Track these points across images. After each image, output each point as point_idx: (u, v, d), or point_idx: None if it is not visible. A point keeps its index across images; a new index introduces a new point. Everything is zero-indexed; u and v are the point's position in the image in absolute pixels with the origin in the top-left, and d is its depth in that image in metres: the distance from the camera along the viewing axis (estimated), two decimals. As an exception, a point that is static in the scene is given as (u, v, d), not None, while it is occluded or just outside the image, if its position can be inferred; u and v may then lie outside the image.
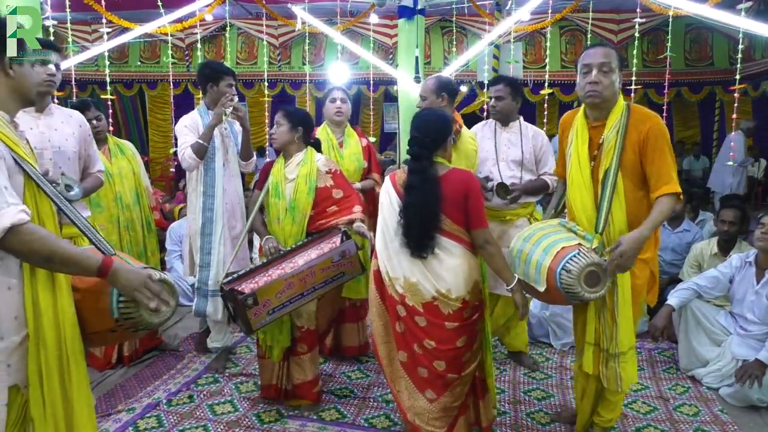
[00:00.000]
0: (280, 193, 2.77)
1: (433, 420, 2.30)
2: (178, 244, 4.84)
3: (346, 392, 3.12)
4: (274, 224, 2.80)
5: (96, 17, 8.60)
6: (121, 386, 3.18)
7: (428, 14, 8.01)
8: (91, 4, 6.78)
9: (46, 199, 1.49)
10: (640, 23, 6.59)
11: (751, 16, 5.90)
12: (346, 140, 3.42)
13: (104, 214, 3.29)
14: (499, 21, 6.39)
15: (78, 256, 1.42)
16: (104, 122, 3.42)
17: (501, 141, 3.26)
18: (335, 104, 3.37)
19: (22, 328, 1.41)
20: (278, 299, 2.52)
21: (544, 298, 2.30)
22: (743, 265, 3.24)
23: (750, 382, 2.82)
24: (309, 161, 2.80)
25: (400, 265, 2.28)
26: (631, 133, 2.20)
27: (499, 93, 3.22)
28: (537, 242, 2.24)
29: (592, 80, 2.21)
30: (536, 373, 3.40)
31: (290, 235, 2.74)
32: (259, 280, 2.50)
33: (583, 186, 2.29)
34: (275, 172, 2.83)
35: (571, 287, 2.08)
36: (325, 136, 3.34)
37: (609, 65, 2.21)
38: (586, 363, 2.37)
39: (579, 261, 2.08)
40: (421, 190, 2.19)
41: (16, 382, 1.41)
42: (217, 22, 9.54)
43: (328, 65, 9.36)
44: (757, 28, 4.63)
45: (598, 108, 2.28)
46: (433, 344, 2.25)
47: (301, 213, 2.74)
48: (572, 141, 2.37)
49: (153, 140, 10.99)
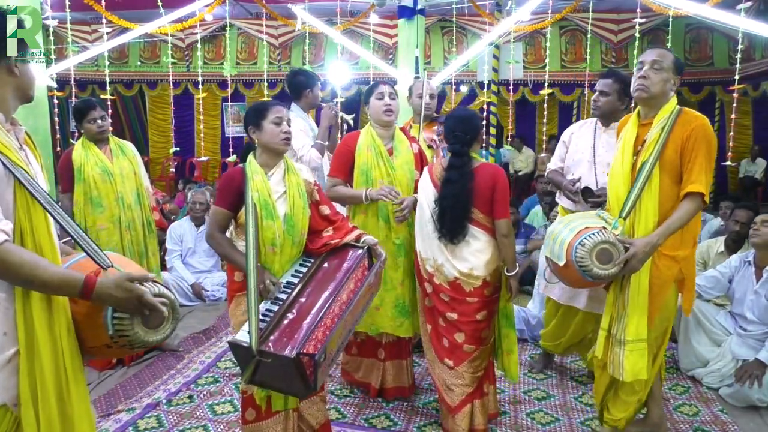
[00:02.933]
0: (271, 212, 2.16)
1: (452, 386, 2.55)
2: (178, 244, 4.85)
3: (346, 392, 3.12)
4: (268, 251, 2.17)
5: (96, 17, 8.60)
6: (121, 386, 3.18)
7: (428, 14, 8.03)
8: (91, 4, 6.79)
9: (39, 208, 1.38)
10: (640, 23, 6.59)
11: (751, 16, 5.91)
12: (397, 146, 2.83)
13: (105, 214, 3.30)
14: (499, 21, 6.39)
15: (60, 282, 1.31)
16: (108, 122, 3.42)
17: (599, 143, 2.97)
18: (383, 101, 2.78)
19: (12, 344, 1.32)
20: (337, 344, 2.06)
21: (564, 274, 2.35)
22: (742, 264, 3.24)
23: (750, 382, 2.82)
24: (294, 170, 2.30)
25: (431, 248, 2.56)
26: (676, 132, 2.25)
27: (605, 88, 2.92)
28: (568, 224, 2.36)
29: (642, 74, 2.30)
30: (536, 373, 3.40)
31: (289, 259, 2.23)
32: (308, 329, 1.97)
33: (621, 176, 2.34)
34: (258, 187, 2.16)
35: (583, 260, 2.19)
36: (369, 142, 2.78)
37: (660, 63, 2.29)
38: (598, 348, 2.44)
39: (594, 237, 2.19)
40: (458, 185, 2.45)
41: (4, 401, 1.32)
42: (217, 22, 9.54)
43: (328, 65, 9.36)
44: (757, 28, 4.64)
45: (647, 104, 2.34)
46: (455, 317, 2.53)
47: (300, 231, 2.24)
48: (621, 136, 2.44)
49: (153, 140, 10.99)
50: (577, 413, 2.92)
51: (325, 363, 1.96)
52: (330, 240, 2.26)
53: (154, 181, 7.48)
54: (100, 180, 3.28)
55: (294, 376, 1.91)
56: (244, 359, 1.98)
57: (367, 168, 2.76)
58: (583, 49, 8.80)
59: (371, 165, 2.76)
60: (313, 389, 1.96)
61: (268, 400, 2.20)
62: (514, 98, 9.30)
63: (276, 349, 1.92)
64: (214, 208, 2.29)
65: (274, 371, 1.95)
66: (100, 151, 3.34)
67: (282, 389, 2.12)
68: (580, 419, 2.86)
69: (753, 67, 8.13)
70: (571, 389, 3.20)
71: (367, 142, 2.79)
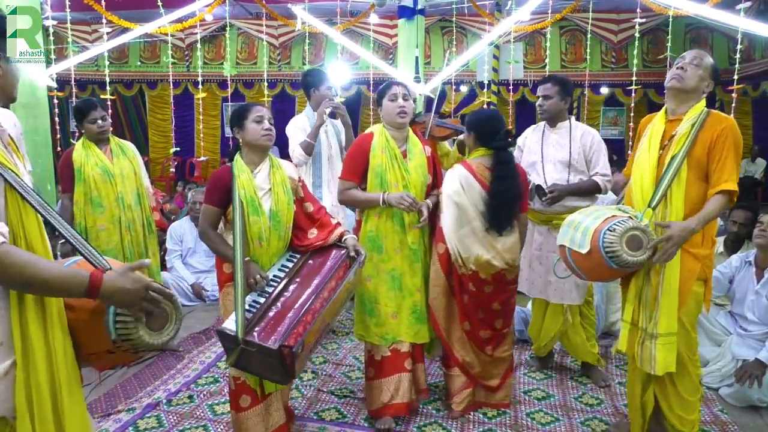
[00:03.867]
0: (257, 208, 2.30)
1: (492, 371, 2.89)
2: (178, 244, 4.85)
3: (346, 392, 3.12)
4: (255, 245, 2.31)
5: (96, 17, 8.60)
6: (121, 386, 3.18)
7: (428, 14, 8.03)
8: (91, 4, 6.79)
9: (31, 211, 1.33)
10: (640, 23, 6.60)
11: (751, 16, 5.91)
12: (411, 149, 2.73)
13: (106, 215, 3.30)
14: (499, 21, 6.39)
15: (62, 281, 1.27)
16: (108, 122, 3.42)
17: (548, 142, 3.18)
18: (397, 103, 2.65)
19: (9, 354, 1.27)
20: (315, 338, 2.25)
21: (584, 262, 2.30)
22: (743, 265, 3.24)
23: (750, 382, 2.82)
24: (279, 167, 2.42)
25: (475, 245, 2.67)
26: (706, 131, 2.26)
27: (547, 92, 3.13)
28: (590, 214, 2.35)
29: (680, 66, 2.33)
30: (536, 373, 3.40)
31: (275, 252, 2.37)
32: (291, 322, 2.14)
33: (647, 166, 2.35)
34: (244, 185, 2.30)
35: (612, 246, 2.15)
36: (383, 144, 2.67)
37: (700, 61, 2.33)
38: (621, 340, 2.40)
39: (625, 223, 2.17)
40: (514, 180, 2.65)
41: (4, 413, 1.28)
42: (217, 22, 9.54)
43: (328, 65, 9.36)
44: (757, 28, 4.64)
45: (677, 97, 2.34)
46: (498, 306, 2.77)
47: (285, 226, 2.37)
48: (647, 131, 2.45)
49: (153, 140, 10.99)
50: (577, 413, 2.92)
51: (303, 354, 2.15)
52: (315, 241, 2.41)
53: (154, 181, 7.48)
54: (100, 180, 3.28)
55: (276, 366, 2.08)
56: (229, 346, 2.15)
57: (382, 171, 2.65)
58: (583, 49, 8.80)
59: (386, 168, 2.65)
60: (292, 377, 2.18)
61: (261, 384, 2.35)
62: (514, 98, 9.30)
63: (260, 340, 2.08)
64: (205, 206, 2.40)
65: (257, 359, 2.12)
66: (101, 152, 3.35)
67: (263, 376, 2.28)
68: (580, 419, 2.86)
69: (753, 67, 8.13)
70: (571, 389, 3.20)
71: (381, 144, 2.67)
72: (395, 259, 2.69)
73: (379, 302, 2.71)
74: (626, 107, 9.20)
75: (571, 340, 3.28)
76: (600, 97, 9.33)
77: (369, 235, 2.71)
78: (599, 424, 2.81)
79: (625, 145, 9.41)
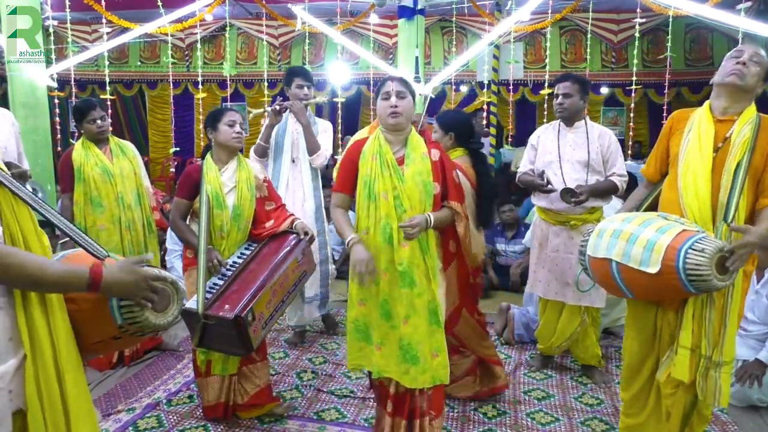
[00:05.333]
0: (221, 203, 2.61)
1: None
2: (178, 244, 4.84)
3: (346, 392, 3.12)
4: (217, 236, 2.62)
5: (96, 17, 8.60)
6: (121, 386, 3.18)
7: (428, 14, 8.02)
8: (91, 4, 6.79)
9: (24, 207, 1.33)
10: (640, 23, 6.60)
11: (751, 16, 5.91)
12: (410, 154, 2.34)
13: (105, 215, 3.30)
14: (499, 21, 6.39)
15: (63, 278, 1.29)
16: (108, 122, 3.42)
17: (565, 142, 3.16)
18: (389, 101, 2.31)
19: (19, 349, 1.30)
20: (268, 310, 2.43)
21: (643, 284, 2.02)
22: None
23: (750, 382, 2.82)
24: (245, 166, 2.73)
25: (479, 242, 2.79)
26: (763, 135, 2.09)
27: (567, 90, 3.10)
28: (644, 224, 2.04)
29: (741, 61, 2.10)
30: (536, 373, 3.40)
31: (235, 243, 2.66)
32: (244, 296, 2.36)
33: (701, 175, 2.10)
34: (211, 181, 2.62)
35: (699, 269, 1.85)
36: (374, 149, 2.34)
37: (761, 58, 2.12)
38: (680, 368, 2.08)
39: (712, 242, 1.88)
40: (492, 177, 2.82)
41: (20, 406, 1.31)
42: (217, 22, 9.53)
43: (328, 65, 9.35)
44: (757, 28, 4.64)
45: (733, 95, 2.14)
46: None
47: (246, 220, 2.67)
48: (690, 131, 2.21)
49: (153, 140, 10.98)
50: (577, 413, 2.92)
51: (257, 325, 2.36)
52: (269, 230, 2.70)
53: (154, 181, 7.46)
54: (100, 180, 3.28)
55: (234, 336, 2.30)
56: (193, 324, 2.39)
57: (370, 179, 2.30)
58: (583, 49, 8.79)
59: (375, 176, 2.30)
60: (251, 348, 2.37)
61: (208, 364, 2.68)
62: (514, 98, 9.30)
63: (218, 313, 2.31)
64: (176, 199, 2.73)
65: (218, 333, 2.34)
66: (100, 151, 3.35)
67: (225, 351, 2.53)
68: (580, 419, 2.86)
69: (753, 67, 8.11)
70: (571, 389, 3.20)
71: (372, 149, 2.34)
72: (381, 282, 2.29)
73: (369, 329, 2.37)
74: (626, 107, 9.19)
75: (582, 342, 3.26)
76: (600, 97, 9.32)
77: None
78: (599, 424, 2.81)
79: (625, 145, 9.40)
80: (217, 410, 2.73)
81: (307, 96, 3.61)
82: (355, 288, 2.34)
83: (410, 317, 2.28)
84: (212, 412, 2.74)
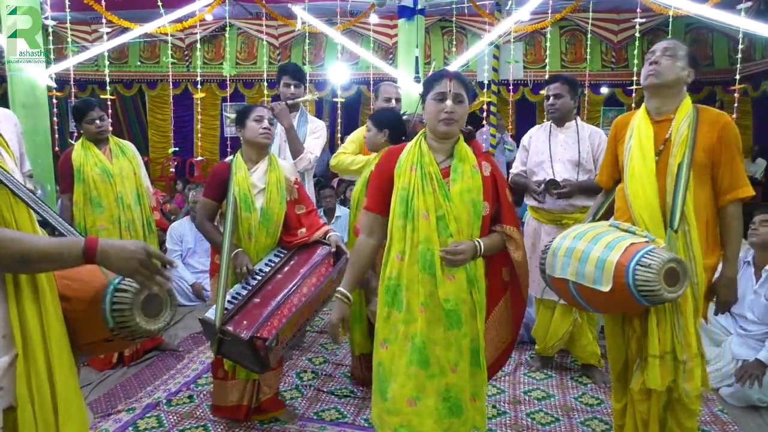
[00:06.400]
0: (250, 205, 2.48)
1: None
2: (178, 244, 4.85)
3: (346, 392, 3.12)
4: (245, 239, 2.50)
5: (96, 17, 8.59)
6: (121, 386, 3.18)
7: (428, 14, 8.02)
8: (91, 4, 6.79)
9: (23, 206, 1.33)
10: (640, 23, 6.60)
11: (751, 16, 5.91)
12: (457, 166, 1.92)
13: (105, 215, 3.30)
14: (499, 21, 6.38)
15: (57, 247, 1.25)
16: (107, 122, 3.42)
17: (556, 142, 3.22)
18: (443, 105, 1.88)
19: (11, 347, 1.29)
20: (291, 332, 2.37)
21: (601, 301, 1.99)
22: (742, 265, 3.24)
23: (750, 382, 2.82)
24: (276, 167, 2.58)
25: None
26: (703, 130, 2.06)
27: (558, 91, 3.17)
28: (593, 240, 1.98)
29: (653, 60, 2.10)
30: (536, 373, 3.40)
31: (263, 248, 2.53)
32: (264, 312, 2.27)
33: (646, 180, 2.08)
34: (240, 182, 2.48)
35: (648, 284, 1.81)
36: (414, 158, 1.92)
37: (674, 51, 2.09)
38: (652, 378, 2.04)
39: (659, 255, 1.83)
40: None
41: (11, 403, 1.31)
42: (217, 22, 9.53)
43: (328, 65, 9.35)
44: (757, 28, 4.65)
45: (658, 94, 2.12)
46: None
47: (275, 224, 2.53)
48: (631, 136, 2.18)
49: (153, 140, 10.98)
50: (577, 413, 2.92)
51: (278, 347, 2.28)
52: (301, 238, 2.56)
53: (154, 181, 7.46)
54: (99, 180, 3.28)
55: (250, 355, 2.23)
56: (210, 334, 2.32)
57: (409, 195, 1.89)
58: (583, 49, 8.79)
59: (415, 190, 1.89)
60: (266, 367, 2.32)
61: (234, 368, 2.58)
62: (514, 98, 9.30)
63: (235, 330, 2.23)
64: (203, 199, 2.60)
65: (235, 348, 2.28)
66: (100, 152, 3.35)
67: (240, 363, 2.43)
68: (580, 419, 2.86)
69: (753, 67, 8.13)
70: (571, 389, 3.20)
71: (411, 157, 1.93)
72: (419, 320, 1.88)
73: (395, 379, 1.90)
74: (626, 107, 9.18)
75: (578, 341, 3.27)
76: (600, 97, 9.33)
77: (388, 284, 1.94)
78: (599, 424, 2.81)
79: (625, 145, 9.42)
80: (239, 412, 2.64)
81: (294, 95, 3.48)
82: (379, 323, 1.97)
83: (460, 363, 1.90)
84: (233, 413, 2.65)
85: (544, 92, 6.42)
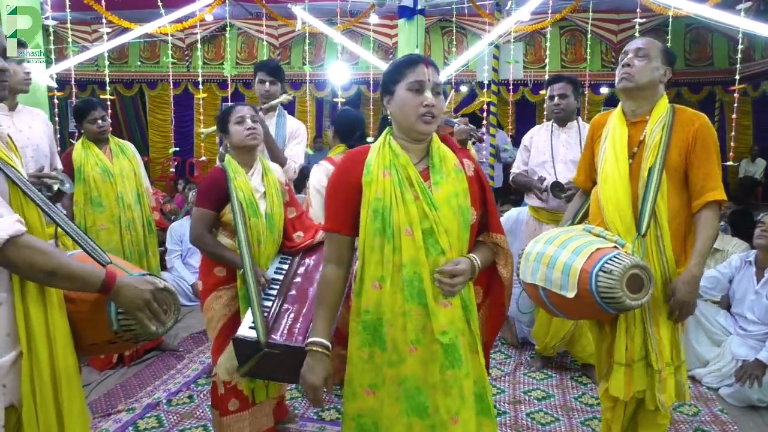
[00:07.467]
0: (256, 210, 2.27)
1: None
2: (178, 244, 4.85)
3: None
4: (255, 247, 2.27)
5: (96, 17, 8.59)
6: (121, 386, 3.18)
7: (428, 14, 8.01)
8: (91, 4, 6.79)
9: (33, 207, 1.36)
10: (640, 23, 6.60)
11: (751, 16, 5.91)
12: (436, 165, 1.58)
13: (105, 214, 3.30)
14: (499, 21, 6.38)
15: (81, 273, 1.32)
16: (108, 122, 3.43)
17: (558, 142, 3.23)
18: (422, 97, 1.52)
19: (15, 345, 1.31)
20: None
21: (570, 307, 1.93)
22: (743, 265, 3.24)
23: (750, 382, 2.82)
24: (269, 170, 2.43)
25: None
26: (677, 132, 2.00)
27: (563, 90, 3.19)
28: (562, 245, 1.92)
29: (625, 62, 2.04)
30: (536, 373, 3.40)
31: (269, 256, 2.34)
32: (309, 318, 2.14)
33: (619, 184, 2.03)
34: (241, 187, 2.25)
35: (610, 291, 1.74)
36: (386, 161, 1.56)
37: (646, 51, 2.02)
38: (615, 386, 2.03)
39: (621, 261, 1.76)
40: None
41: (13, 401, 1.33)
42: (217, 22, 9.53)
43: (328, 65, 9.35)
44: (757, 28, 4.64)
45: (633, 96, 2.07)
46: None
47: (278, 230, 2.37)
48: (606, 138, 2.13)
49: (153, 140, 10.98)
50: (577, 413, 2.92)
51: None
52: (303, 242, 2.41)
53: (154, 181, 7.47)
54: (100, 180, 3.29)
55: (292, 365, 1.97)
56: (247, 353, 2.11)
57: (383, 207, 1.52)
58: (583, 49, 8.79)
59: (392, 200, 1.52)
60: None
61: (253, 392, 2.31)
62: (514, 98, 9.30)
63: (286, 341, 2.07)
64: (199, 210, 2.30)
65: (279, 361, 2.07)
66: (100, 151, 3.36)
67: (279, 378, 2.28)
68: (580, 419, 2.86)
69: (753, 67, 8.13)
70: (571, 389, 3.20)
71: (382, 160, 1.56)
72: (408, 361, 1.52)
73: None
74: (626, 107, 9.19)
75: (578, 341, 3.27)
76: (600, 97, 9.32)
77: (365, 319, 1.56)
78: (599, 424, 2.80)
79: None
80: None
81: (269, 93, 3.08)
82: (359, 366, 1.58)
83: (462, 411, 1.53)
84: None
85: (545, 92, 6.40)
